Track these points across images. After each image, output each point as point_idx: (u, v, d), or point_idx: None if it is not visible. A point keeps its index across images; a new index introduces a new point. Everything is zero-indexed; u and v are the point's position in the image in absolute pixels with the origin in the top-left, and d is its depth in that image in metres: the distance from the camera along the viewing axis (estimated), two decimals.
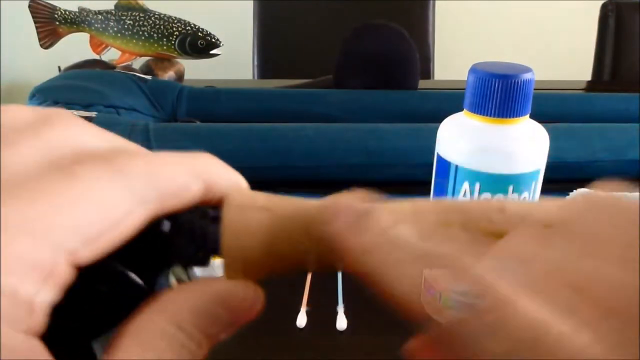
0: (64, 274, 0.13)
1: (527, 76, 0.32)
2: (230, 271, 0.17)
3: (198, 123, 0.71)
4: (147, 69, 0.87)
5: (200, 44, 0.85)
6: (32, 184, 0.13)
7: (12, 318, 0.12)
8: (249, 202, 0.17)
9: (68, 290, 0.13)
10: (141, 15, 0.85)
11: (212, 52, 0.87)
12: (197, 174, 0.16)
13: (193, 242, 0.17)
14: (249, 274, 0.17)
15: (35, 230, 0.13)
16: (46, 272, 0.13)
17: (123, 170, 0.14)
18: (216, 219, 0.17)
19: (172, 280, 0.18)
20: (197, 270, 0.19)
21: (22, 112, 0.16)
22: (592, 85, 1.17)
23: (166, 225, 0.16)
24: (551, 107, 0.75)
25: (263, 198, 0.18)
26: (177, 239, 0.17)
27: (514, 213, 0.16)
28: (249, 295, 0.17)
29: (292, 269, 0.18)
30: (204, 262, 0.18)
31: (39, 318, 0.13)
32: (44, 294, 0.13)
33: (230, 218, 0.17)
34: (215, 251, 0.17)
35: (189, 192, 0.16)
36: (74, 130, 0.16)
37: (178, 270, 0.18)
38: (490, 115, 0.33)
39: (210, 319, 0.15)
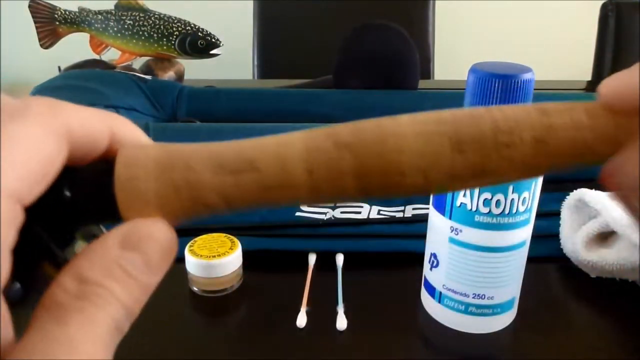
0: (19, 216, 0.14)
1: (527, 76, 0.32)
2: (126, 207, 0.16)
3: (198, 123, 0.71)
4: (147, 69, 0.87)
5: (200, 44, 0.85)
6: None
7: None
8: (138, 154, 0.17)
9: None
10: (141, 15, 0.85)
11: (212, 52, 0.87)
12: (104, 118, 0.17)
13: (98, 200, 0.17)
14: (149, 210, 0.17)
15: None
16: (7, 218, 0.14)
17: (44, 115, 0.15)
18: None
19: (80, 247, 0.18)
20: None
21: None
22: (592, 86, 1.17)
23: (68, 187, 0.17)
24: None
25: (155, 148, 0.17)
26: (80, 198, 0.17)
27: (403, 117, 0.18)
28: (155, 232, 0.16)
29: (198, 209, 0.17)
30: (113, 214, 0.17)
31: (7, 264, 0.13)
32: (10, 238, 0.14)
33: (120, 153, 0.17)
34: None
35: (99, 132, 0.17)
36: None
37: (83, 237, 0.18)
38: None
39: (116, 264, 0.15)
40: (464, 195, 0.35)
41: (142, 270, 0.16)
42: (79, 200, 0.17)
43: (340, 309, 0.41)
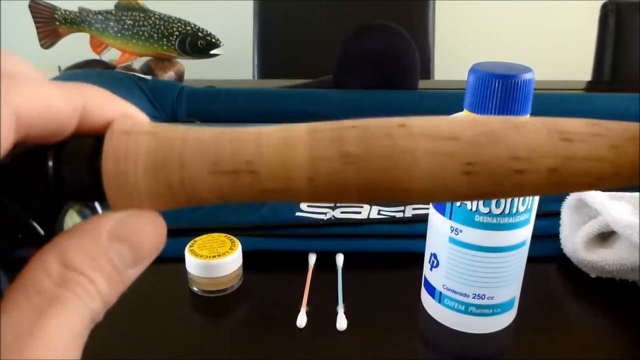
0: None
1: (527, 76, 0.32)
2: (115, 199, 0.16)
3: (198, 123, 0.71)
4: (147, 69, 0.87)
5: (200, 44, 0.85)
6: None
7: None
8: (132, 127, 0.16)
9: None
10: (141, 15, 0.85)
11: (212, 52, 0.87)
12: (71, 95, 0.16)
13: (81, 176, 0.16)
14: (140, 203, 0.16)
15: None
16: None
17: None
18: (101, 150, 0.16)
19: (70, 219, 0.17)
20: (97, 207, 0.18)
21: None
22: (592, 85, 1.17)
23: (50, 162, 0.16)
24: (551, 107, 0.75)
25: (152, 124, 0.17)
26: (64, 174, 0.16)
27: (416, 126, 0.16)
28: (147, 226, 0.16)
29: (192, 199, 0.16)
30: (98, 196, 0.16)
31: None
32: None
33: (108, 142, 0.16)
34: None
35: (61, 112, 0.16)
36: None
37: (76, 208, 0.17)
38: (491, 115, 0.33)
39: (104, 255, 0.15)
40: None
41: (128, 264, 0.15)
42: (64, 181, 0.16)
43: (340, 309, 0.41)
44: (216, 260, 0.42)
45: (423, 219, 0.43)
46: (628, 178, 0.17)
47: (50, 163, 0.16)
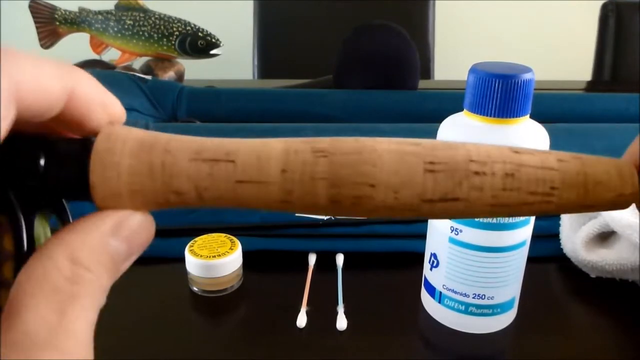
0: None
1: (527, 76, 0.32)
2: (96, 178, 0.16)
3: (198, 123, 0.71)
4: (147, 69, 0.87)
5: (200, 44, 0.85)
6: None
7: None
8: (121, 131, 0.17)
9: None
10: (141, 15, 0.85)
11: (212, 52, 0.87)
12: (63, 75, 0.16)
13: (71, 175, 0.17)
14: (119, 182, 0.17)
15: None
16: None
17: None
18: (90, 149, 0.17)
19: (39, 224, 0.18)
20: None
21: None
22: (592, 85, 1.17)
23: (42, 160, 0.17)
24: (551, 107, 0.75)
25: (139, 130, 0.18)
26: (54, 174, 0.17)
27: (382, 139, 0.19)
28: (142, 224, 0.17)
29: (172, 200, 0.17)
30: (85, 194, 0.17)
31: None
32: None
33: (105, 128, 0.17)
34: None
35: (54, 91, 0.16)
36: None
37: (43, 214, 0.18)
38: (490, 115, 0.33)
39: (106, 251, 0.16)
40: None
41: (123, 259, 0.17)
42: (53, 170, 0.17)
43: (340, 309, 0.41)
44: (216, 260, 0.42)
45: (423, 219, 0.43)
46: (579, 192, 0.18)
47: (42, 162, 0.17)
